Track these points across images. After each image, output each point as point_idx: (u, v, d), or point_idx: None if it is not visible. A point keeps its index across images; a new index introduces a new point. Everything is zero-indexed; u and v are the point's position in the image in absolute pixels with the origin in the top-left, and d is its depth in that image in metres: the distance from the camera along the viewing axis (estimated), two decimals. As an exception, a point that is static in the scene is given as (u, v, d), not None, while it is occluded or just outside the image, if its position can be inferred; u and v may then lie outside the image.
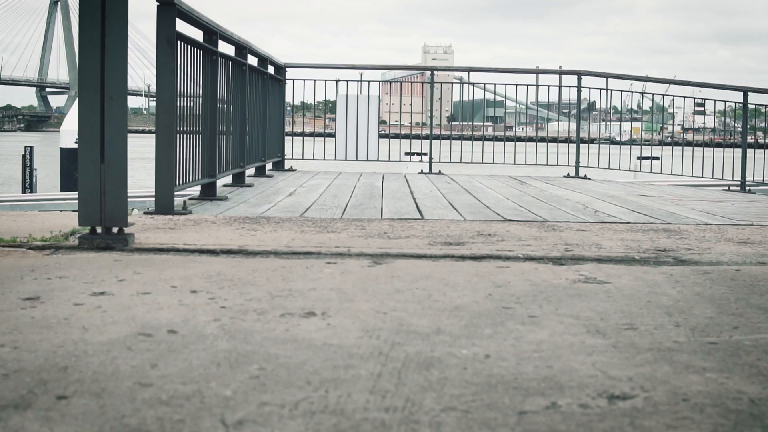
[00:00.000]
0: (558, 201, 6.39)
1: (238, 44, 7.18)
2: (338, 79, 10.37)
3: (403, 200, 6.19)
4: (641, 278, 2.96)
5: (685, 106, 11.73)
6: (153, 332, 2.08)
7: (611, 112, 21.34)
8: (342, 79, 10.20)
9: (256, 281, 2.79)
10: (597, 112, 13.08)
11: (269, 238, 3.86)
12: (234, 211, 5.25)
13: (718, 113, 11.82)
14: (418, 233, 4.18)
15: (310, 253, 3.44)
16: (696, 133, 16.21)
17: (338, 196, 6.47)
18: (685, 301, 2.57)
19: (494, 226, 4.56)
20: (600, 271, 3.09)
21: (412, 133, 10.91)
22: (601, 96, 11.79)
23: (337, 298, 2.52)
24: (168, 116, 4.96)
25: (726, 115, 11.82)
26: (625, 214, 5.44)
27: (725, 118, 12.18)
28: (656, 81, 11.03)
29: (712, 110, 11.93)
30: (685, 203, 6.49)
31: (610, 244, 3.90)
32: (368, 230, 4.28)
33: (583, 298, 2.57)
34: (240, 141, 7.24)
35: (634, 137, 13.35)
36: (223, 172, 6.51)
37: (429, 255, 3.42)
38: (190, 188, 5.79)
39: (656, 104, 12.98)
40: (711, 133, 23.06)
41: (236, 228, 4.27)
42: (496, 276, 2.95)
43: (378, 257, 3.35)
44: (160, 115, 4.97)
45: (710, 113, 12.55)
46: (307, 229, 4.28)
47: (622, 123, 14.82)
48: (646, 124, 13.53)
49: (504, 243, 3.85)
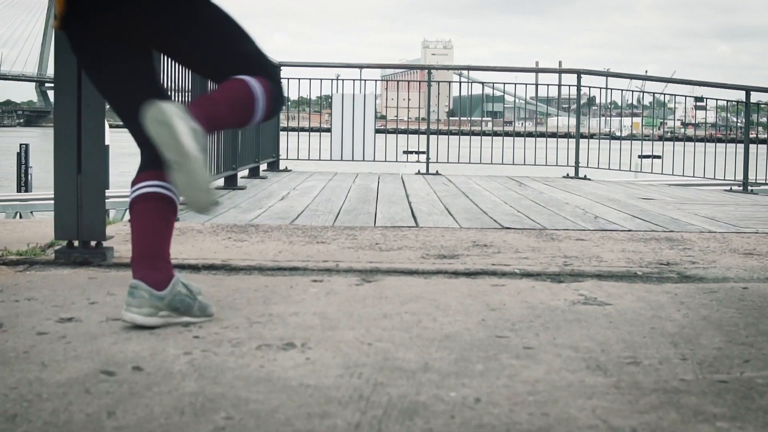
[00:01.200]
0: (557, 205, 6.22)
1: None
2: (335, 77, 10.20)
3: (398, 204, 6.03)
4: (644, 299, 2.80)
5: (686, 102, 11.57)
6: (116, 369, 1.92)
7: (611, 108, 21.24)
8: (339, 78, 10.04)
9: (236, 304, 2.63)
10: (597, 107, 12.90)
11: (255, 251, 3.69)
12: (223, 217, 5.09)
13: (718, 108, 11.63)
14: (412, 244, 4.02)
15: (296, 268, 3.27)
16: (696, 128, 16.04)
17: (332, 200, 6.31)
18: (692, 327, 2.41)
19: (491, 235, 4.40)
20: (600, 290, 2.93)
21: (410, 128, 10.67)
22: (600, 93, 11.63)
23: (320, 325, 2.36)
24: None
25: (728, 111, 11.63)
26: (625, 221, 5.28)
27: (727, 114, 11.99)
28: (657, 80, 10.86)
29: (712, 106, 11.77)
30: (687, 207, 6.32)
31: (611, 256, 3.74)
32: (360, 240, 4.12)
33: (583, 324, 2.41)
34: (232, 143, 7.08)
35: (634, 132, 13.19)
36: (213, 175, 6.34)
37: (421, 271, 3.25)
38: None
39: (656, 100, 12.82)
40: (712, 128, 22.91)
41: (222, 238, 4.11)
42: (491, 296, 2.79)
43: (367, 273, 3.19)
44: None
45: (711, 108, 12.36)
46: (296, 239, 4.12)
47: (622, 118, 14.63)
48: (646, 120, 13.37)
49: (500, 256, 3.69)
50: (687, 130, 12.70)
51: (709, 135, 13.68)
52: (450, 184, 8.22)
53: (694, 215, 5.73)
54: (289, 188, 7.29)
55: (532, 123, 17.92)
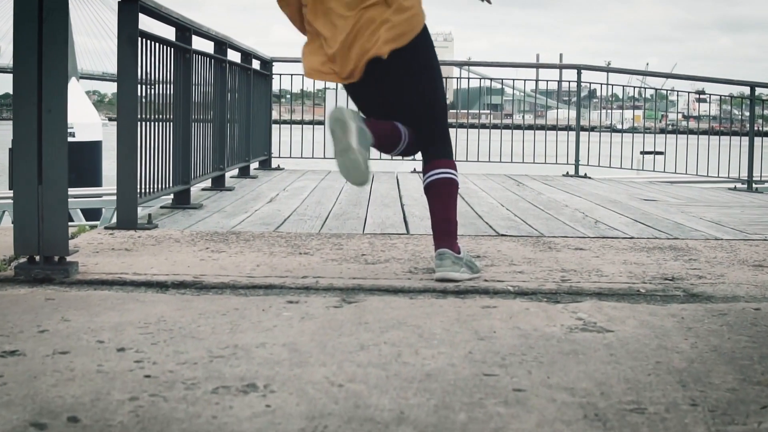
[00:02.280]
0: (556, 208, 5.98)
1: (216, 40, 6.77)
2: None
3: (390, 208, 5.79)
4: (648, 324, 2.56)
5: (688, 96, 11.33)
6: (49, 421, 1.69)
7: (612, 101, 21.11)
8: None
9: (199, 332, 2.39)
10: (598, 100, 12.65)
11: (232, 264, 3.46)
12: (204, 223, 4.85)
13: (722, 102, 11.38)
14: (400, 254, 3.78)
15: (272, 286, 3.03)
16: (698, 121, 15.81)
17: (321, 202, 6.07)
18: (701, 361, 2.17)
19: (485, 244, 4.16)
20: (600, 313, 2.69)
21: None
22: (601, 87, 11.39)
23: (288, 361, 2.12)
24: (129, 123, 4.55)
25: (732, 104, 11.37)
26: (627, 226, 5.04)
27: (731, 107, 11.73)
28: (659, 75, 10.62)
29: (714, 98, 11.53)
30: (692, 210, 6.08)
31: (612, 269, 3.50)
32: (345, 250, 3.89)
33: (581, 358, 2.18)
34: (220, 142, 6.84)
35: (635, 125, 12.93)
36: (198, 177, 6.11)
37: (407, 289, 3.02)
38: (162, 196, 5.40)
39: (657, 93, 12.60)
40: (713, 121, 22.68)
41: (200, 248, 3.87)
42: (480, 321, 2.55)
43: (348, 292, 2.95)
44: (121, 122, 4.56)
45: (712, 101, 12.11)
46: (277, 249, 3.88)
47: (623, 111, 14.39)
48: (646, 112, 13.17)
49: (493, 269, 3.45)
50: (689, 122, 12.45)
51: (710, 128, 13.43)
52: (446, 183, 7.96)
53: (699, 219, 5.49)
54: (279, 189, 7.05)
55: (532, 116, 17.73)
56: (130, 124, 4.54)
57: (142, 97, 4.74)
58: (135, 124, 4.55)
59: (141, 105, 4.76)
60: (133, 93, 4.54)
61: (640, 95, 12.48)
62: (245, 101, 8.00)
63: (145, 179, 4.86)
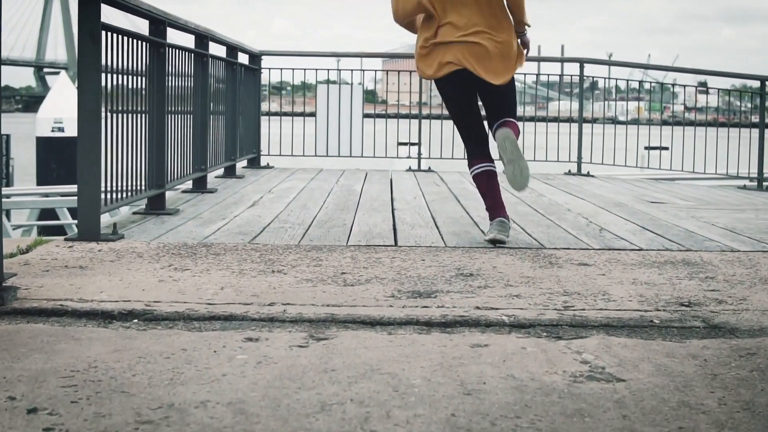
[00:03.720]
0: (558, 212, 5.59)
1: (197, 33, 6.38)
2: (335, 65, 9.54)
3: (380, 213, 5.40)
4: (665, 369, 2.18)
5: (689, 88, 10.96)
6: None
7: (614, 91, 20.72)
8: (328, 68, 9.40)
9: (133, 384, 2.01)
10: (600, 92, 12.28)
11: (193, 287, 3.07)
12: (176, 233, 4.46)
13: (730, 95, 10.99)
14: (384, 273, 3.40)
15: (232, 317, 2.65)
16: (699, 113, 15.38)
17: (307, 206, 5.68)
18: (733, 426, 1.79)
19: (479, 258, 3.78)
20: (609, 354, 2.31)
21: (409, 114, 9.90)
22: (605, 82, 11.00)
23: (230, 429, 1.74)
24: (92, 124, 4.16)
25: (740, 98, 10.97)
26: (635, 235, 4.65)
27: (741, 101, 11.34)
28: (666, 69, 10.23)
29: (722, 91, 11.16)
30: (702, 215, 5.69)
31: (620, 291, 3.12)
32: (324, 267, 3.50)
33: (587, 423, 1.79)
34: (201, 141, 6.45)
35: (637, 117, 12.55)
36: (175, 180, 5.72)
37: (386, 320, 2.63)
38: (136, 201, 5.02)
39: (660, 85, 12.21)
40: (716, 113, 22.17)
41: (163, 266, 3.49)
42: (468, 368, 2.17)
43: (318, 326, 2.57)
44: (83, 123, 4.17)
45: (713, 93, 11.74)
46: (248, 266, 3.50)
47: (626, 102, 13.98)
48: (648, 104, 12.77)
49: (487, 292, 3.06)
50: (691, 114, 12.05)
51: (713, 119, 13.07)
52: (442, 184, 7.59)
53: (711, 226, 5.10)
54: (264, 191, 6.66)
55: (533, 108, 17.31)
56: (91, 125, 4.16)
57: (110, 93, 4.36)
58: (98, 125, 4.16)
59: (109, 102, 4.40)
60: (95, 91, 4.15)
61: (642, 87, 12.09)
62: (231, 97, 7.60)
63: (112, 184, 4.49)
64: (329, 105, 9.15)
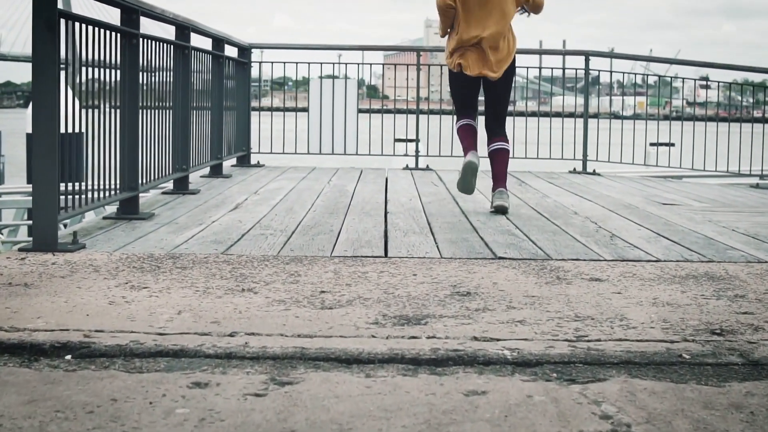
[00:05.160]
0: (564, 216, 5.17)
1: (176, 24, 5.95)
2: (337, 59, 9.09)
3: (372, 217, 4.98)
4: (705, 427, 1.76)
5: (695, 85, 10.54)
6: None
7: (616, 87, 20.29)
8: (323, 62, 8.95)
9: (37, 453, 1.59)
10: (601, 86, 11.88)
11: (145, 311, 2.65)
12: (144, 241, 4.05)
13: (731, 90, 10.57)
14: (369, 292, 2.98)
15: (182, 352, 2.23)
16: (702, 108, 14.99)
17: (294, 209, 5.26)
18: None
19: (478, 273, 3.36)
20: (634, 405, 1.89)
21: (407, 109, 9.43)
22: (610, 76, 10.58)
23: None
24: (47, 121, 3.74)
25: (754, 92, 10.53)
26: (650, 242, 4.23)
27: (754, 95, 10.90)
28: (676, 63, 9.79)
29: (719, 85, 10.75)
30: (719, 218, 5.26)
31: (641, 315, 2.70)
32: (301, 284, 3.09)
33: None
34: (182, 139, 6.03)
35: (638, 112, 12.13)
36: (152, 181, 5.30)
37: (366, 357, 2.21)
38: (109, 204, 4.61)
39: (661, 79, 11.81)
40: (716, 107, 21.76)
41: (119, 282, 3.07)
42: (462, 427, 1.75)
43: (283, 364, 2.15)
44: (38, 119, 3.76)
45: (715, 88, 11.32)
46: (215, 283, 3.08)
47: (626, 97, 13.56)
48: (651, 99, 12.37)
49: (486, 316, 2.65)
50: (694, 109, 11.62)
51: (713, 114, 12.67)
52: (440, 184, 7.16)
53: (732, 232, 4.67)
54: (250, 192, 6.23)
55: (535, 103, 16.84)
56: (46, 121, 3.74)
57: (74, 85, 3.96)
58: (53, 122, 3.74)
59: (77, 97, 4.00)
60: (51, 85, 3.73)
61: (644, 81, 11.67)
62: (217, 92, 7.18)
63: (74, 186, 4.08)
64: (322, 100, 8.71)
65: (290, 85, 11.92)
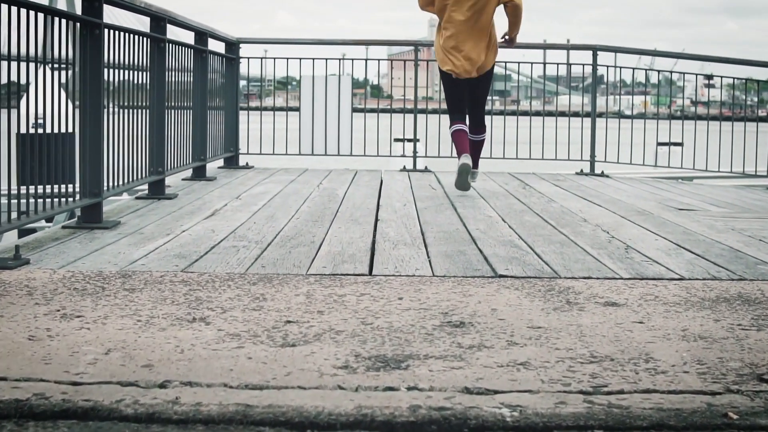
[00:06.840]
0: (572, 224, 4.68)
1: (150, 14, 5.47)
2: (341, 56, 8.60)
3: (360, 225, 4.51)
4: None
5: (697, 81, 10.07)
6: None
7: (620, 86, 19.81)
8: (313, 57, 8.47)
9: None
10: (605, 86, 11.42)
11: (67, 349, 2.18)
12: (99, 255, 3.58)
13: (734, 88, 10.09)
14: (343, 323, 2.51)
15: (92, 411, 1.75)
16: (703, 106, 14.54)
17: (275, 216, 4.78)
18: None
19: (474, 297, 2.88)
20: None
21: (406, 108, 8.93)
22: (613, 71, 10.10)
23: None
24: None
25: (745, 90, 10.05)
26: (670, 255, 3.75)
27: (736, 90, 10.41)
28: (685, 57, 9.31)
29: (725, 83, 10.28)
30: (742, 226, 4.77)
31: (669, 354, 2.22)
32: (264, 312, 2.61)
33: None
34: (157, 140, 5.56)
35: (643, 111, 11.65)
36: (120, 186, 4.83)
37: (325, 422, 1.73)
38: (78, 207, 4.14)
39: (665, 77, 11.33)
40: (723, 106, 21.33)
41: (51, 309, 2.60)
42: None
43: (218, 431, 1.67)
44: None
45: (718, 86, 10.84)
46: (163, 310, 2.61)
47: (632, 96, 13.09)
48: (654, 98, 11.93)
49: (482, 357, 2.17)
50: (700, 108, 11.15)
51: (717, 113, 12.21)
52: (438, 187, 6.68)
53: (759, 242, 4.18)
54: (232, 196, 5.76)
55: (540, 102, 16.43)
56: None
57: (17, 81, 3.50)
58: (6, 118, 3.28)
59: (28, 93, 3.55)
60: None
61: (648, 81, 11.19)
62: (200, 90, 6.70)
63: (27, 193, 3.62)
64: (314, 98, 8.24)
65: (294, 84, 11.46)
